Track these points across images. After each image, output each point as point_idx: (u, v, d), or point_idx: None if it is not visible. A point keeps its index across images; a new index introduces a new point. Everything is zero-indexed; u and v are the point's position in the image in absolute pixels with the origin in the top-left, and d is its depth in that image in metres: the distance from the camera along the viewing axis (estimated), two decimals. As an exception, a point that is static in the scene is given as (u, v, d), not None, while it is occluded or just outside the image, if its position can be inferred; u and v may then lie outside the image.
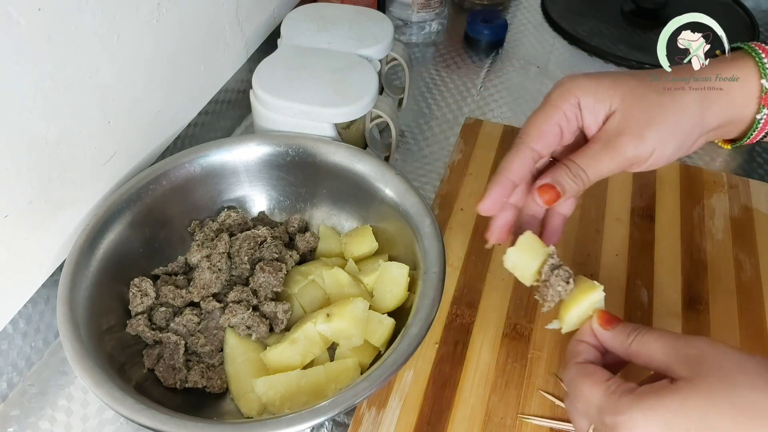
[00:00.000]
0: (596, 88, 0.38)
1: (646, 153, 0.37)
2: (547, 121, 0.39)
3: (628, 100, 0.37)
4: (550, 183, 0.39)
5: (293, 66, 0.62)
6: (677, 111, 0.37)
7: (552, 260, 0.45)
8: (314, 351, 0.50)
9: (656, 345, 0.36)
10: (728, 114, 0.39)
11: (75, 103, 0.48)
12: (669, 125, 0.37)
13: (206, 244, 0.55)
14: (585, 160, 0.38)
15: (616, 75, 0.39)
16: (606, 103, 0.38)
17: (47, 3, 0.43)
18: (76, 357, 0.42)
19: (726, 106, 0.38)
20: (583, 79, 0.38)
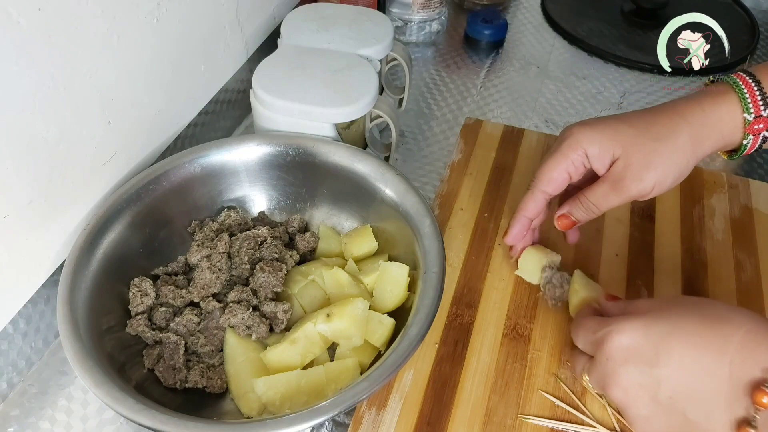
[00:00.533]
0: (600, 140, 0.45)
1: (647, 189, 0.45)
2: (557, 168, 0.47)
3: (629, 148, 0.44)
4: (566, 214, 0.50)
5: (293, 66, 0.62)
6: (671, 153, 0.44)
7: (547, 271, 0.56)
8: (314, 351, 0.50)
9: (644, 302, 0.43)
10: (718, 144, 0.45)
11: (75, 103, 0.48)
12: (665, 166, 0.44)
13: (206, 244, 0.55)
14: (596, 197, 0.47)
15: (617, 125, 0.45)
16: (610, 152, 0.45)
17: (47, 3, 0.43)
18: (76, 357, 0.42)
19: (715, 139, 0.44)
20: (589, 131, 0.45)
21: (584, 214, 0.49)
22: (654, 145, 0.43)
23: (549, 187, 0.48)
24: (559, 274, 0.56)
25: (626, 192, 0.45)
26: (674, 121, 0.43)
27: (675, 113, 0.44)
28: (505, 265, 0.60)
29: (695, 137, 0.43)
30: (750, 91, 0.43)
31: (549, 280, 0.56)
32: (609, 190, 0.46)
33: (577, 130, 0.46)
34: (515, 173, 0.69)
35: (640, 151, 0.43)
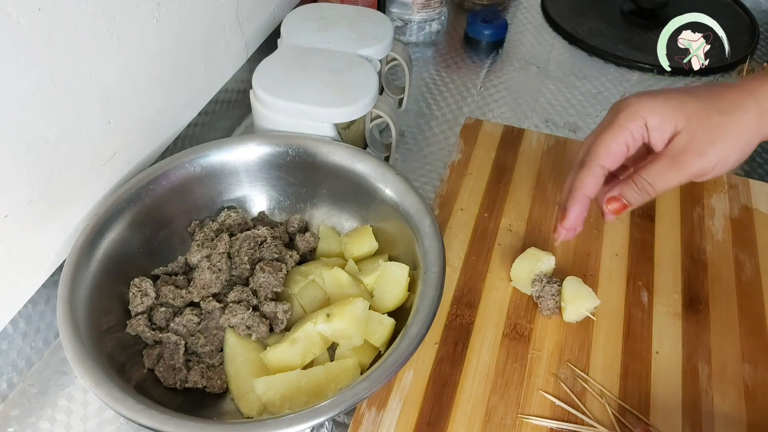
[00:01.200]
0: (663, 110, 0.41)
1: (710, 167, 0.41)
2: (616, 140, 0.43)
3: (694, 120, 0.41)
4: (617, 197, 0.45)
5: (293, 66, 0.62)
6: (738, 129, 0.41)
7: (537, 285, 0.56)
8: (314, 351, 0.50)
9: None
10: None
11: (75, 103, 0.48)
12: (730, 142, 0.41)
13: (206, 244, 0.55)
14: (653, 175, 0.43)
15: (679, 96, 0.42)
16: (672, 123, 0.41)
17: (47, 3, 0.43)
18: (76, 357, 0.42)
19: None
20: (649, 101, 0.42)
21: (638, 195, 0.44)
22: (720, 118, 0.40)
23: (607, 160, 0.43)
24: (549, 286, 0.55)
25: (687, 168, 0.41)
26: (741, 96, 0.41)
27: (742, 89, 0.41)
28: (505, 265, 0.60)
29: (762, 113, 0.40)
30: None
31: (539, 294, 0.55)
32: (668, 166, 0.42)
33: (636, 100, 0.42)
34: (515, 173, 0.69)
35: (704, 124, 0.40)
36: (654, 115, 0.41)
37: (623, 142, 0.43)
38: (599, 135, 0.43)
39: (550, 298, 0.55)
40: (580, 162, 0.45)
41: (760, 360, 0.53)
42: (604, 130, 0.43)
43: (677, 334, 0.55)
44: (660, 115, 0.41)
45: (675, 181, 0.42)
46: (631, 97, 0.43)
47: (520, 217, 0.64)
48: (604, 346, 0.54)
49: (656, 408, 0.50)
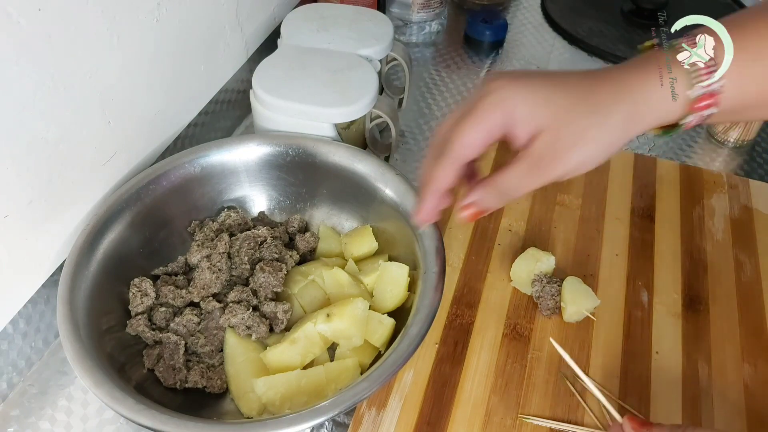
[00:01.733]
0: (529, 104, 0.38)
1: (570, 171, 0.39)
2: (476, 131, 0.38)
3: (559, 119, 0.37)
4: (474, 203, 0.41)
5: (293, 66, 0.62)
6: (604, 131, 0.38)
7: (537, 285, 0.55)
8: (314, 351, 0.50)
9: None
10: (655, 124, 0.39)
11: (75, 103, 0.48)
12: (594, 145, 0.38)
13: (206, 244, 0.55)
14: (511, 180, 0.39)
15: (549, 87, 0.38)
16: (537, 120, 0.37)
17: (47, 3, 0.43)
18: (76, 357, 0.42)
19: (653, 119, 0.39)
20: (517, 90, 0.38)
21: (494, 201, 0.41)
22: (587, 121, 0.37)
23: (466, 153, 0.39)
24: (549, 286, 0.55)
25: (548, 174, 0.38)
26: (614, 96, 0.37)
27: (617, 85, 0.38)
28: (505, 265, 0.60)
29: (632, 116, 0.38)
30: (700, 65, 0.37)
31: (539, 294, 0.55)
32: (527, 171, 0.38)
33: (503, 85, 0.38)
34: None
35: (570, 125, 0.37)
36: (519, 108, 0.37)
37: (484, 134, 0.38)
38: (459, 123, 0.39)
39: (550, 298, 0.55)
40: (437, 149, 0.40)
41: (760, 360, 0.53)
42: (464, 117, 0.39)
43: (677, 334, 0.55)
44: (526, 110, 0.37)
45: (534, 186, 0.39)
46: (498, 79, 0.38)
47: (520, 217, 0.64)
48: (604, 346, 0.54)
49: (656, 408, 0.50)
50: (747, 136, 0.74)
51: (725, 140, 0.75)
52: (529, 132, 0.38)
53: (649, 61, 0.38)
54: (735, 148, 0.75)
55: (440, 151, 0.40)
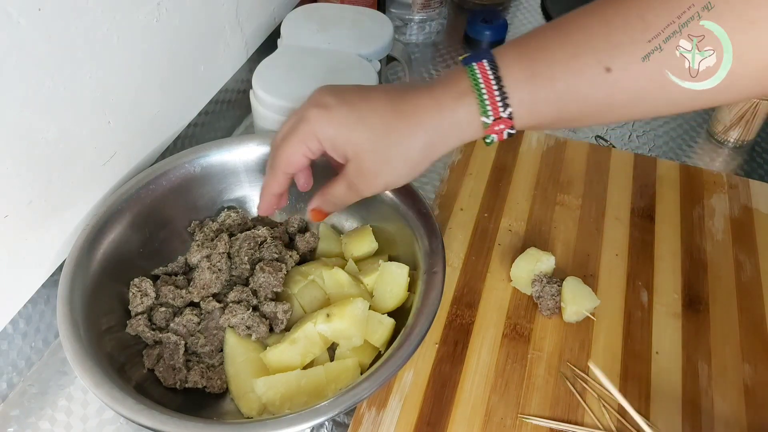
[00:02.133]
0: (335, 137, 0.43)
1: (380, 189, 0.45)
2: (294, 153, 0.45)
3: (363, 154, 0.43)
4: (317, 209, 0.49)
5: (293, 66, 0.62)
6: (405, 159, 0.43)
7: (536, 285, 0.55)
8: (314, 351, 0.50)
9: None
10: (457, 144, 0.43)
11: (75, 103, 0.48)
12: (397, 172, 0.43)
13: (206, 244, 0.55)
14: (336, 196, 0.47)
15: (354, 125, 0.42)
16: (343, 151, 0.43)
17: (47, 3, 0.43)
18: (76, 357, 0.42)
19: (453, 142, 0.42)
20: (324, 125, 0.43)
21: (331, 206, 0.48)
22: (388, 153, 0.42)
23: (289, 168, 0.46)
24: (549, 286, 0.55)
25: (362, 193, 0.45)
26: (412, 127, 0.41)
27: (414, 117, 0.41)
28: (505, 265, 0.60)
29: (432, 143, 0.42)
30: (489, 91, 0.39)
31: (539, 294, 0.55)
32: (347, 189, 0.45)
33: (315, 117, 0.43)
34: (515, 173, 0.69)
35: (373, 157, 0.42)
36: (327, 140, 0.43)
37: (302, 154, 0.45)
38: (283, 142, 0.45)
39: (550, 298, 0.55)
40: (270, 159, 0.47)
41: (760, 360, 0.53)
42: (285, 138, 0.45)
43: (677, 334, 0.55)
44: (332, 142, 0.43)
45: (355, 199, 0.46)
46: (312, 109, 0.43)
47: (520, 217, 0.64)
48: (604, 346, 0.54)
49: (656, 408, 0.50)
50: (747, 136, 0.74)
51: (725, 140, 0.75)
52: (341, 157, 0.44)
53: (450, 85, 0.41)
54: (735, 148, 0.75)
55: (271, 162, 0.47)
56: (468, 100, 0.40)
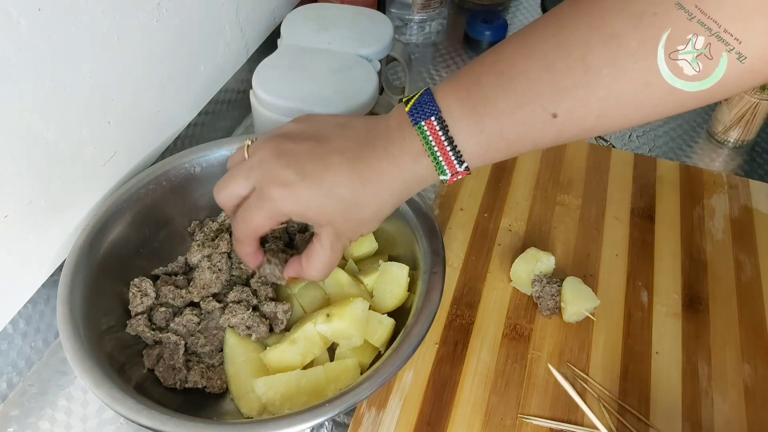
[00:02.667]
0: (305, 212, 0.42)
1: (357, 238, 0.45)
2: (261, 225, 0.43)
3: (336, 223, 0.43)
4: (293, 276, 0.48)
5: (293, 66, 0.62)
6: (377, 215, 0.43)
7: (536, 285, 0.55)
8: (314, 351, 0.50)
9: None
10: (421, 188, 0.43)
11: (75, 103, 0.48)
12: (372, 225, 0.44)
13: (207, 244, 0.55)
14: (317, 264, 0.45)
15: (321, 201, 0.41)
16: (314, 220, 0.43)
17: (47, 3, 0.43)
18: (76, 357, 0.42)
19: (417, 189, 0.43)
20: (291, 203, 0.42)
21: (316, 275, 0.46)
22: (361, 215, 0.42)
23: (257, 235, 0.46)
24: (549, 286, 0.55)
25: (345, 247, 0.45)
26: (379, 191, 0.42)
27: (379, 182, 0.41)
28: (505, 266, 0.60)
29: (399, 197, 0.43)
30: (443, 154, 0.40)
31: (539, 294, 0.55)
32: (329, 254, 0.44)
33: (279, 197, 0.42)
34: (515, 173, 0.69)
35: (347, 224, 0.43)
36: (297, 215, 0.42)
37: (269, 226, 0.44)
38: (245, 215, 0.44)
39: (550, 298, 0.55)
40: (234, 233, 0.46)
41: (760, 360, 0.53)
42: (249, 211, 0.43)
43: (677, 334, 0.55)
44: (303, 216, 0.42)
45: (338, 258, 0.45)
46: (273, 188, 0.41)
47: (520, 217, 0.64)
48: (604, 347, 0.54)
49: (656, 408, 0.50)
50: (747, 136, 0.74)
51: (725, 140, 0.75)
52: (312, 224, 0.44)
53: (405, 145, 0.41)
54: (735, 148, 0.75)
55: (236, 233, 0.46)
56: (425, 162, 0.41)
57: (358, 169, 0.41)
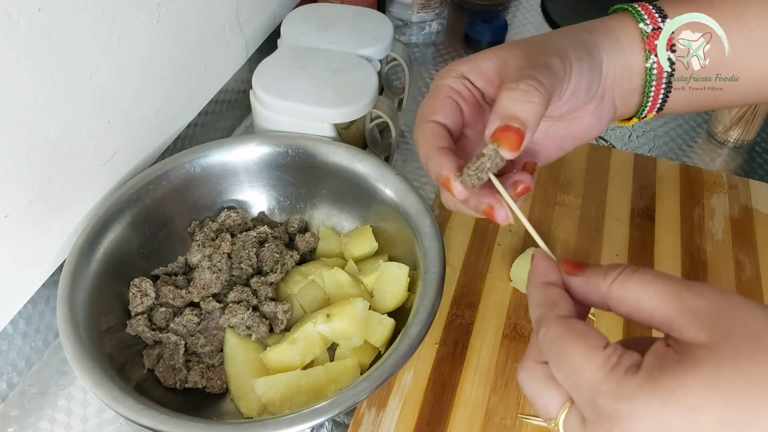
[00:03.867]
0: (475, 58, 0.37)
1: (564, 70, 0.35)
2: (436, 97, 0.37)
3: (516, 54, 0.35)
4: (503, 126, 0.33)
5: (293, 66, 0.62)
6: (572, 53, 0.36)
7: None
8: (314, 351, 0.50)
9: (650, 292, 0.28)
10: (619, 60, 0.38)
11: (75, 103, 0.48)
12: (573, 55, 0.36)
13: (207, 244, 0.55)
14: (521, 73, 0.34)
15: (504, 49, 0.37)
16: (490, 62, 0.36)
17: (47, 3, 0.43)
18: (76, 357, 0.42)
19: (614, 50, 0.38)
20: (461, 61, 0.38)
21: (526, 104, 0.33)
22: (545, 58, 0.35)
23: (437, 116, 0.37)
24: None
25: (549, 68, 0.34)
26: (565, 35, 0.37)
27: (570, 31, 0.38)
28: (505, 266, 0.60)
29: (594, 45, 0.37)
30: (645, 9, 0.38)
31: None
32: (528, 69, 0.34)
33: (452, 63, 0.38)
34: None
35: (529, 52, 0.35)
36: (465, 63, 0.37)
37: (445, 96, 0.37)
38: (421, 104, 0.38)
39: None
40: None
41: (760, 360, 0.53)
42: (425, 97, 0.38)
43: (677, 334, 0.55)
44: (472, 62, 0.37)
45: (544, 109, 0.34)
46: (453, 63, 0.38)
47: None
48: (604, 346, 0.54)
49: (656, 408, 0.50)
50: (747, 136, 0.74)
51: (725, 140, 0.75)
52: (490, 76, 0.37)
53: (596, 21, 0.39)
54: (735, 148, 0.75)
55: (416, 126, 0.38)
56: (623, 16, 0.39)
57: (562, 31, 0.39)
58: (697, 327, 0.26)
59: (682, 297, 0.27)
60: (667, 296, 0.27)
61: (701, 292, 0.27)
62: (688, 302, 0.27)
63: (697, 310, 0.26)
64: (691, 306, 0.27)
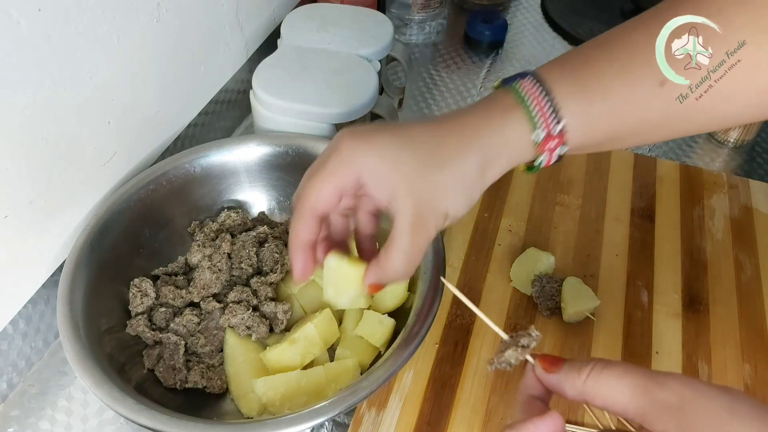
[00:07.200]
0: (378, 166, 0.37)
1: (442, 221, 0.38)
2: (325, 187, 0.38)
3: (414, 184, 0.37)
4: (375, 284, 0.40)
5: (293, 66, 0.62)
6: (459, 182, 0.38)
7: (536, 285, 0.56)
8: (314, 351, 0.50)
9: (620, 386, 0.31)
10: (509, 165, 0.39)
11: (75, 103, 0.48)
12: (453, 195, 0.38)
13: (207, 244, 0.55)
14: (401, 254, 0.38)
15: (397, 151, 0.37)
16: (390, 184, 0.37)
17: (47, 3, 0.43)
18: (76, 357, 0.42)
19: (505, 161, 0.38)
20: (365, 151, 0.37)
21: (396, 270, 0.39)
22: (440, 177, 0.37)
23: (318, 206, 0.38)
24: (549, 286, 0.55)
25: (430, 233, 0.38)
26: (462, 145, 0.37)
27: (464, 134, 0.37)
28: (505, 266, 0.60)
29: (484, 163, 0.37)
30: (537, 104, 0.36)
31: (539, 294, 0.55)
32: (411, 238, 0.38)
33: (350, 145, 0.37)
34: (515, 173, 0.69)
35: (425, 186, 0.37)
36: (369, 170, 0.37)
37: (333, 190, 0.38)
38: (311, 179, 0.39)
39: (550, 298, 0.55)
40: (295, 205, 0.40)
41: (760, 360, 0.53)
42: (315, 172, 0.39)
43: (677, 334, 0.55)
44: (375, 172, 0.37)
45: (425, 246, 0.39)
46: (345, 137, 0.38)
47: (520, 217, 0.64)
48: (604, 347, 0.54)
49: (656, 408, 0.50)
50: (747, 136, 0.74)
51: (725, 140, 0.75)
52: (383, 195, 0.37)
53: (494, 103, 0.38)
54: (735, 148, 0.75)
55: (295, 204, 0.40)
56: (516, 114, 0.37)
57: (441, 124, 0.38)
58: (666, 419, 0.29)
59: (650, 391, 0.30)
60: (636, 390, 0.30)
61: (667, 384, 0.30)
62: (656, 395, 0.30)
63: (664, 402, 0.29)
64: (659, 399, 0.30)
